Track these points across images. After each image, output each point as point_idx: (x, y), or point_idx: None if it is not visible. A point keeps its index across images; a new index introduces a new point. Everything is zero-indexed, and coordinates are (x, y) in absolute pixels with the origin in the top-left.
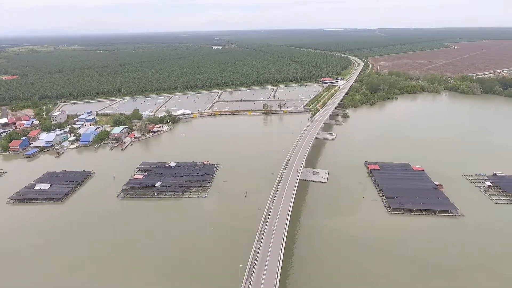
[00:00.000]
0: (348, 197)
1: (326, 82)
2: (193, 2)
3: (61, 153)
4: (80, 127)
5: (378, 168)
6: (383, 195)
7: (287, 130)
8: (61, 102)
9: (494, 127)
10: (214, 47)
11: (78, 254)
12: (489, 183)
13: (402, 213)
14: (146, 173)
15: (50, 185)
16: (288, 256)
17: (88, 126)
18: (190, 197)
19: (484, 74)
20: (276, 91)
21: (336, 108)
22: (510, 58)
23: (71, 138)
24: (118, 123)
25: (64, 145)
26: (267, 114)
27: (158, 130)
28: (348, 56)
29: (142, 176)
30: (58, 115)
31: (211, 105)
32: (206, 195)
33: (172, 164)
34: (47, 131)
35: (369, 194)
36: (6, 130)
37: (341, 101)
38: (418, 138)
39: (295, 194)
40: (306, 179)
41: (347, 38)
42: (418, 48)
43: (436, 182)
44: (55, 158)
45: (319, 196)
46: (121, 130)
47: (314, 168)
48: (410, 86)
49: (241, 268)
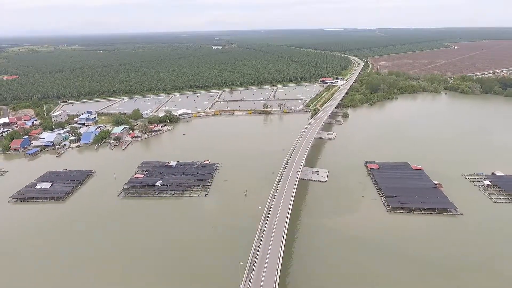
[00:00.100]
0: (347, 196)
1: (326, 82)
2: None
3: (62, 152)
4: (80, 127)
5: (378, 167)
6: (383, 194)
7: (287, 129)
8: (61, 102)
9: (494, 127)
10: (214, 47)
11: (79, 253)
12: (488, 182)
13: (402, 212)
14: (147, 172)
15: (51, 184)
16: (288, 254)
17: (88, 125)
18: (191, 196)
19: (483, 74)
20: (276, 91)
21: (336, 107)
22: (510, 58)
23: (72, 138)
24: (118, 123)
25: (65, 144)
26: (267, 113)
27: (159, 130)
28: (348, 56)
29: (143, 175)
30: (59, 115)
31: (211, 104)
32: (207, 194)
33: (172, 163)
34: (48, 131)
35: (368, 193)
36: (7, 129)
37: (341, 101)
38: (418, 138)
39: (295, 193)
40: (306, 178)
41: (347, 38)
42: (418, 48)
43: (435, 181)
44: (56, 157)
45: (319, 195)
46: (121, 130)
47: (314, 167)
48: (410, 86)
49: (241, 265)
